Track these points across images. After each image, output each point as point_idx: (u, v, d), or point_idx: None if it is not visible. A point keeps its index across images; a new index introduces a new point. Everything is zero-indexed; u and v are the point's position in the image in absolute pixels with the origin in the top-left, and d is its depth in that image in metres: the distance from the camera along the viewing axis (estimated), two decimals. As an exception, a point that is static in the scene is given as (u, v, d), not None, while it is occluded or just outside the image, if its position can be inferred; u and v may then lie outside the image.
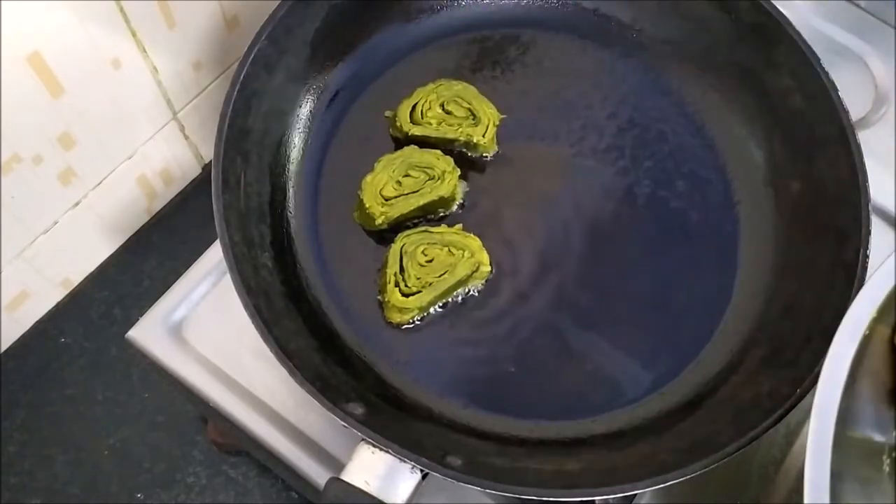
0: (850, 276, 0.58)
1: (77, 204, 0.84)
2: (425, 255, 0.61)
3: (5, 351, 0.91)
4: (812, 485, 0.42)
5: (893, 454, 0.48)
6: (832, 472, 0.42)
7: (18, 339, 0.92)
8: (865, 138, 0.62)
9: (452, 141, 0.65)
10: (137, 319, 0.68)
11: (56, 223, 0.83)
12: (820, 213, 0.63)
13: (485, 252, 0.62)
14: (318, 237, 0.64)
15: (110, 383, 0.93)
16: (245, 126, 0.61)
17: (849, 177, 0.61)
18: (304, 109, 0.67)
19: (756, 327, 0.62)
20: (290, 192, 0.65)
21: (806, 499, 0.42)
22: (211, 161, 0.57)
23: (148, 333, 0.67)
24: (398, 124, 0.66)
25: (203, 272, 0.69)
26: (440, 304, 0.62)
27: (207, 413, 0.78)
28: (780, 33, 0.65)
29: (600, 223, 0.66)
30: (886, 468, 0.48)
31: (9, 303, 0.86)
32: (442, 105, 0.66)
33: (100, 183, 0.84)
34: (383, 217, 0.62)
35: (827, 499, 0.42)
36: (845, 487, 0.43)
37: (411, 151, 0.64)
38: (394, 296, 0.60)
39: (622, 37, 0.72)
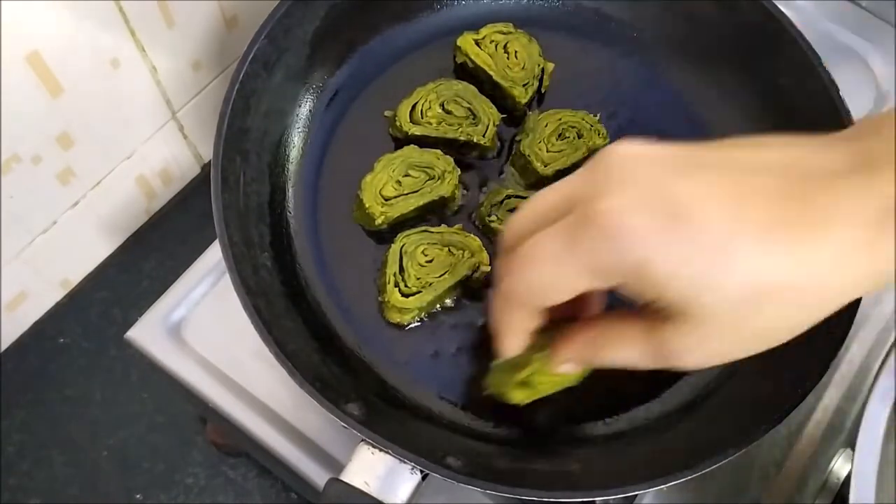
0: (852, 277, 0.58)
1: (76, 204, 0.83)
2: (425, 255, 0.61)
3: (4, 351, 0.91)
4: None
5: None
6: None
7: (17, 340, 0.92)
8: (866, 138, 0.62)
9: (452, 141, 0.65)
10: (136, 319, 0.68)
11: (55, 223, 0.83)
12: (821, 213, 0.63)
13: (485, 252, 0.62)
14: (317, 237, 0.64)
15: (109, 384, 0.93)
16: (244, 125, 0.61)
17: (850, 177, 0.61)
18: (304, 109, 0.67)
19: (757, 327, 0.62)
20: (290, 192, 0.64)
21: None
22: (210, 161, 0.57)
23: (147, 333, 0.67)
24: (398, 124, 0.65)
25: (202, 272, 0.69)
26: (440, 304, 0.62)
27: (207, 413, 0.78)
28: (780, 33, 0.65)
29: (601, 223, 0.66)
30: None
31: (8, 303, 0.86)
32: (442, 105, 0.66)
33: (99, 183, 0.84)
34: (383, 217, 0.62)
35: None
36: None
37: (411, 151, 0.64)
38: (393, 296, 0.60)
39: (622, 36, 0.72)
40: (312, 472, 0.64)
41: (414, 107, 0.66)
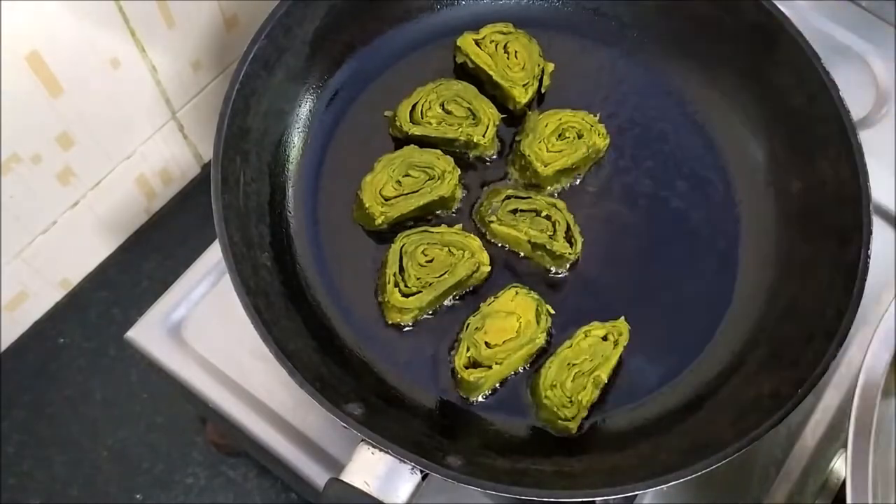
0: (852, 276, 0.58)
1: (76, 204, 0.83)
2: (425, 255, 0.61)
3: (4, 351, 0.91)
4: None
5: None
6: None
7: (17, 340, 0.92)
8: (866, 138, 0.62)
9: (452, 141, 0.65)
10: (136, 319, 0.68)
11: (55, 223, 0.83)
12: (821, 213, 0.63)
13: (485, 252, 0.62)
14: (317, 237, 0.64)
15: (109, 384, 0.93)
16: (244, 125, 0.61)
17: (850, 176, 0.61)
18: (304, 109, 0.67)
19: (757, 327, 0.62)
20: (290, 192, 0.64)
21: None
22: (210, 161, 0.57)
23: (147, 333, 0.67)
24: (398, 124, 0.65)
25: (202, 272, 0.69)
26: (440, 304, 0.62)
27: (206, 414, 0.78)
28: (780, 33, 0.65)
29: (600, 223, 0.66)
30: None
31: (7, 303, 0.86)
32: (442, 105, 0.66)
33: (98, 183, 0.84)
34: (383, 217, 0.62)
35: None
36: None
37: (411, 151, 0.64)
38: (393, 296, 0.60)
39: (623, 36, 0.72)
40: (312, 471, 0.64)
41: (414, 107, 0.66)
